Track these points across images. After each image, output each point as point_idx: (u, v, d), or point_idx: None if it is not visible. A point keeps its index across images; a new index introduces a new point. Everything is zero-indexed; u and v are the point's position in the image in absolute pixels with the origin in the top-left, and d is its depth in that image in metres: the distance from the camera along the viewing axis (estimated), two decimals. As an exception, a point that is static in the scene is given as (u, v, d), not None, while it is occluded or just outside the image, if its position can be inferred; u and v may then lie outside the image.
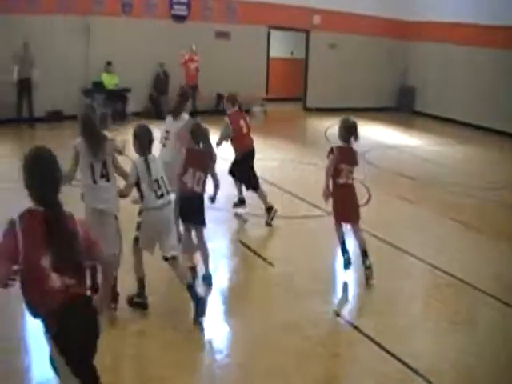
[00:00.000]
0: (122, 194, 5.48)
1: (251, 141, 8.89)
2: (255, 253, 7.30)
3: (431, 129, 18.50)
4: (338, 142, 6.56)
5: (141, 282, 5.72)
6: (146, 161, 5.39)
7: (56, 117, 15.48)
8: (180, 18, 17.89)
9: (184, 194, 6.15)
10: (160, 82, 17.14)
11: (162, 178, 5.47)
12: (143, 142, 5.44)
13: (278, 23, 19.40)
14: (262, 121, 18.80)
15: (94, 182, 5.34)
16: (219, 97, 17.97)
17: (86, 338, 3.34)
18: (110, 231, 5.45)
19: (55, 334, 3.22)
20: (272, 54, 20.90)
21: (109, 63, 16.12)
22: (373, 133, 16.55)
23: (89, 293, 3.56)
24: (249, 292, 6.43)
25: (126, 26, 16.59)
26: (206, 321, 5.53)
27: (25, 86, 14.87)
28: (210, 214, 8.68)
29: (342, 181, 6.40)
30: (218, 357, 5.13)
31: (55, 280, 3.18)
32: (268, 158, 12.62)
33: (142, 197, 5.44)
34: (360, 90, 20.69)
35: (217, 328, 5.67)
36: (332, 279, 6.91)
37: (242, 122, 8.68)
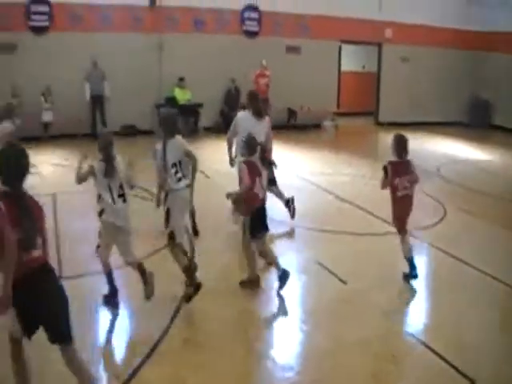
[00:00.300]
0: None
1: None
2: (327, 269, 7.15)
3: (506, 143, 17.76)
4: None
5: (188, 271, 5.94)
6: (165, 147, 5.83)
7: (130, 131, 15.87)
8: (251, 34, 18.04)
9: (257, 205, 6.27)
10: (231, 98, 17.30)
11: (179, 162, 5.89)
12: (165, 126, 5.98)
13: (349, 37, 19.25)
14: (332, 135, 18.67)
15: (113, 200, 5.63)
16: (290, 112, 17.99)
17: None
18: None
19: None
20: (343, 67, 20.79)
21: (181, 79, 16.43)
22: (446, 147, 16.11)
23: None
24: (319, 308, 6.27)
25: (199, 42, 16.90)
26: (275, 336, 5.46)
27: (97, 102, 15.41)
28: (281, 229, 8.83)
29: (400, 194, 6.57)
30: (289, 374, 5.01)
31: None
32: (338, 173, 12.50)
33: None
34: (433, 103, 20.19)
35: (286, 344, 5.56)
36: (404, 296, 6.68)
37: None
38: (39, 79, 15.11)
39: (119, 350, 5.42)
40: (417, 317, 6.31)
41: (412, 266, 6.67)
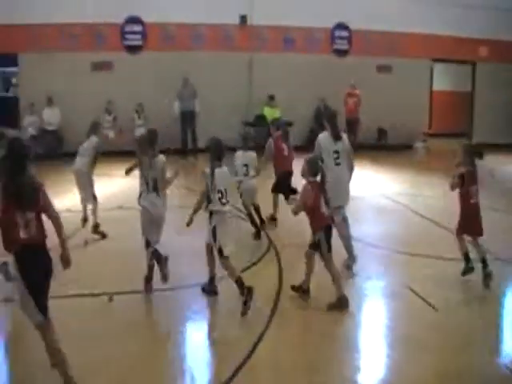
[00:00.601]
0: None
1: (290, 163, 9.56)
2: (417, 294, 6.68)
3: None
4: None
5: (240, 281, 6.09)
6: (213, 173, 6.22)
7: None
8: (341, 53, 17.81)
9: (325, 223, 6.28)
10: (321, 116, 16.99)
11: (225, 190, 6.28)
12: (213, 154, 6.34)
13: (441, 56, 18.68)
14: (423, 157, 18.07)
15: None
16: (380, 131, 17.55)
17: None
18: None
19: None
20: (435, 86, 20.16)
21: (271, 97, 16.35)
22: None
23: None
24: (409, 335, 5.79)
25: (288, 60, 16.83)
26: (362, 361, 5.22)
27: (187, 119, 15.53)
28: (371, 253, 8.40)
29: (473, 201, 6.94)
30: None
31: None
32: (428, 195, 11.99)
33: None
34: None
35: (374, 370, 5.22)
36: (500, 326, 6.14)
37: (283, 145, 9.54)
38: (133, 96, 15.44)
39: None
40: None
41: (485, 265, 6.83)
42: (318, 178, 6.35)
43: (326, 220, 6.31)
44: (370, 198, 11.48)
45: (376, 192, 11.88)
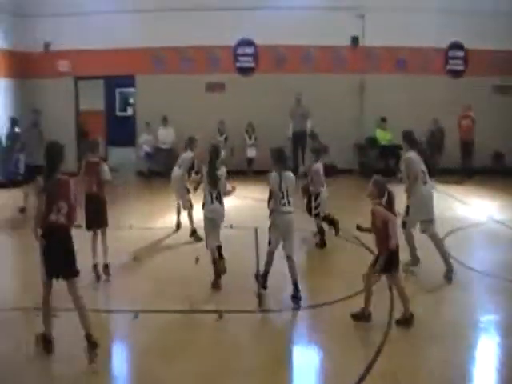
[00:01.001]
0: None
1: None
2: None
3: None
4: None
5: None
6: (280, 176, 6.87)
7: (330, 170, 15.71)
8: (456, 73, 17.24)
9: (394, 248, 6.08)
10: (434, 139, 16.53)
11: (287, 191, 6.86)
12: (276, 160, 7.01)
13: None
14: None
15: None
16: (497, 154, 16.80)
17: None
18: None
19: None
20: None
21: (383, 119, 16.11)
22: None
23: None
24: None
25: (401, 82, 16.45)
26: None
27: (299, 139, 15.54)
28: (487, 283, 7.94)
29: None
30: None
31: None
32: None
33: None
34: None
35: None
36: None
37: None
38: (244, 117, 15.70)
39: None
40: None
41: None
42: (384, 200, 6.17)
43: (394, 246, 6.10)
44: (484, 224, 10.97)
45: (491, 218, 11.32)
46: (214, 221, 7.55)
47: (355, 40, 16.57)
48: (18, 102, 16.42)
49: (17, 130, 15.46)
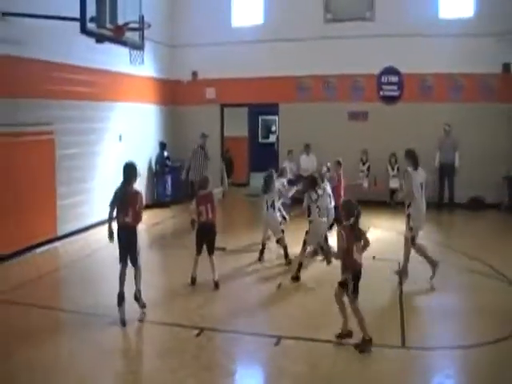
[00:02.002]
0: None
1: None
2: None
3: None
4: None
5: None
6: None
7: (476, 204, 15.08)
8: None
9: (354, 268, 6.34)
10: None
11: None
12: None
13: None
14: None
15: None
16: None
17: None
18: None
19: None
20: None
21: (536, 151, 15.15)
22: None
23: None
24: None
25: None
26: None
27: (446, 171, 15.06)
28: None
29: None
30: None
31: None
32: None
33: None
34: None
35: None
36: None
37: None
38: (387, 146, 15.50)
39: None
40: None
41: None
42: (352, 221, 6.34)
43: (357, 266, 6.34)
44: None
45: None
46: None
47: (507, 67, 15.79)
48: (168, 127, 17.42)
49: (165, 154, 16.39)
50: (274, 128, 22.67)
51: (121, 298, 7.34)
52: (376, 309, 7.52)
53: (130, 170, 7.33)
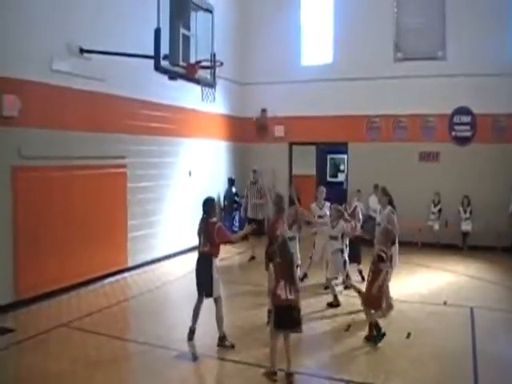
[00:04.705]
0: None
1: None
2: None
3: None
4: None
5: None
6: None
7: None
8: None
9: (278, 303, 6.53)
10: None
11: None
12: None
13: None
14: None
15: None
16: None
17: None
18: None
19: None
20: None
21: None
22: None
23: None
24: None
25: None
26: None
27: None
28: None
29: None
30: None
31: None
32: None
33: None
34: None
35: None
36: None
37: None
38: (459, 188, 15.15)
39: None
40: None
41: None
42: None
43: (280, 301, 6.44)
44: None
45: None
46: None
47: None
48: (237, 163, 17.63)
49: (234, 189, 16.54)
50: (342, 167, 22.54)
51: (192, 332, 7.40)
52: (446, 357, 7.19)
53: (208, 204, 7.77)
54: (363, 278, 10.36)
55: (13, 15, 8.93)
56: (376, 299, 7.74)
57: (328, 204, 11.22)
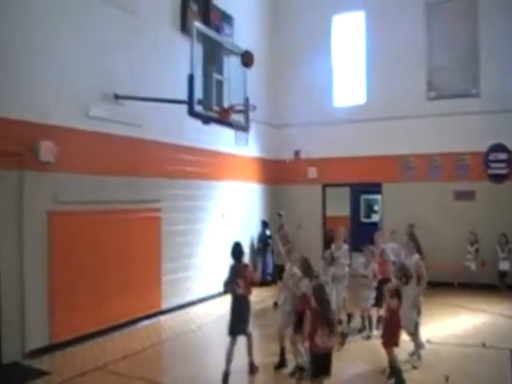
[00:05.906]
0: None
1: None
2: None
3: None
4: None
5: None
6: None
7: None
8: None
9: (316, 351, 6.41)
10: None
11: None
12: None
13: None
14: None
15: None
16: None
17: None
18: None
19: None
20: None
21: None
22: None
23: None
24: None
25: None
26: None
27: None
28: None
29: None
30: None
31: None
32: None
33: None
34: None
35: None
36: None
37: None
38: (496, 227, 14.85)
39: None
40: None
41: None
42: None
43: (319, 349, 6.33)
44: None
45: None
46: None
47: None
48: (270, 206, 17.64)
49: (267, 232, 16.51)
50: (376, 207, 22.37)
51: (226, 375, 7.34)
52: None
53: (238, 250, 8.26)
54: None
55: (50, 64, 9.27)
56: (390, 334, 7.56)
57: (346, 246, 11.27)
